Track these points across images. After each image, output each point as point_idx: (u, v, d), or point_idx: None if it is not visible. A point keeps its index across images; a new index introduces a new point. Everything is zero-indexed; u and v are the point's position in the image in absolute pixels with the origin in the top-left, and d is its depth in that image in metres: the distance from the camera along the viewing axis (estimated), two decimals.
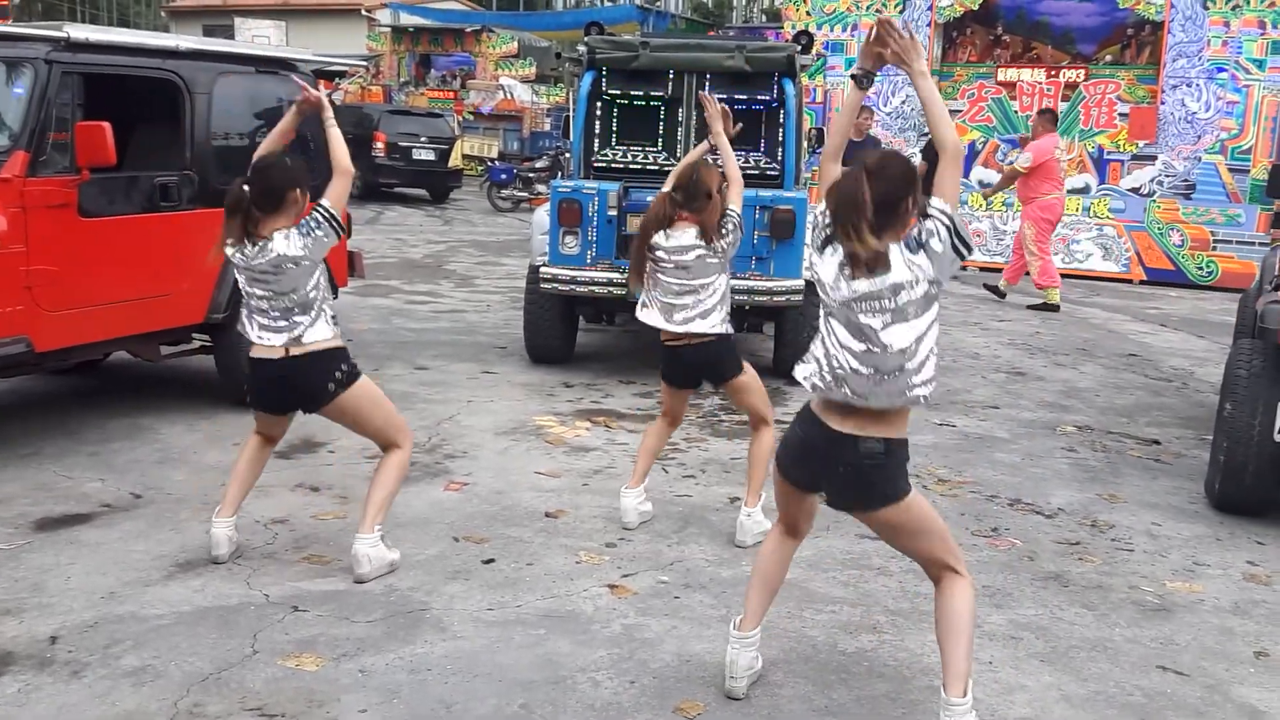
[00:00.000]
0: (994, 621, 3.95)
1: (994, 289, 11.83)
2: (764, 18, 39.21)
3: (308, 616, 3.74)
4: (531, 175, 19.79)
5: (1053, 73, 14.48)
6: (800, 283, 7.07)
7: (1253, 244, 12.79)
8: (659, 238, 4.45)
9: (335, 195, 4.03)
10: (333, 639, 3.58)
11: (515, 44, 28.05)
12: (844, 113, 3.30)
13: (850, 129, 3.27)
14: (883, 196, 2.87)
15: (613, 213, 7.07)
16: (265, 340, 3.98)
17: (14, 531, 4.41)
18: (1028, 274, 11.46)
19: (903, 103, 14.94)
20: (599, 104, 7.54)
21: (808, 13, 15.48)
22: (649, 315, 4.59)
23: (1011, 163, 12.02)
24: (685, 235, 4.42)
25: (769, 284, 6.97)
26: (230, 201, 3.91)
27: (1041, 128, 11.18)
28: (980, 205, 14.34)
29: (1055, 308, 11.11)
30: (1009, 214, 13.50)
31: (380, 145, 19.44)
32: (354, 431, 4.26)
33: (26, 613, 3.70)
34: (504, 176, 20.26)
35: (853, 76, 3.21)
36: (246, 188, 3.90)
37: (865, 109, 12.56)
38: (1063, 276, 13.10)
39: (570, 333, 7.79)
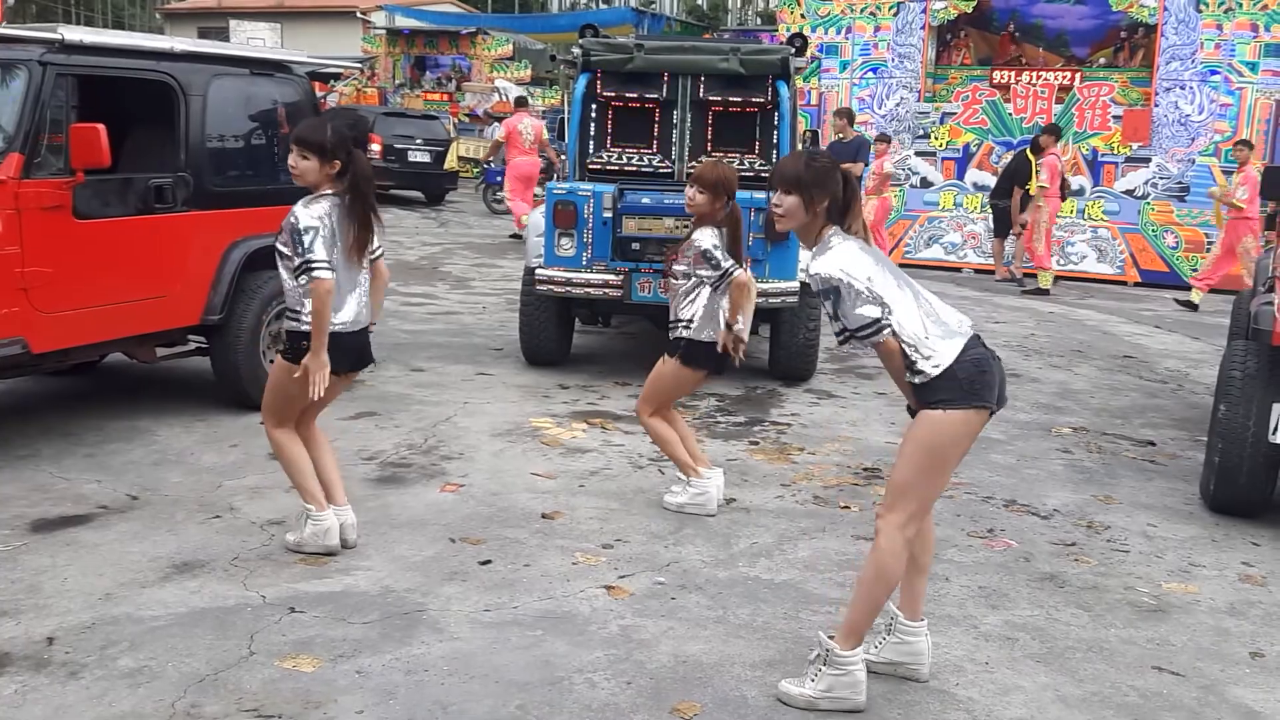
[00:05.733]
0: (990, 622, 3.96)
1: (1188, 304, 12.10)
2: (759, 20, 39.30)
3: (304, 618, 3.75)
4: None
5: (1046, 75, 14.50)
6: (795, 284, 7.08)
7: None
8: None
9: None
10: (329, 640, 3.59)
11: (510, 46, 28.05)
12: None
13: None
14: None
15: (608, 215, 7.07)
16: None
17: (11, 533, 4.41)
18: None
19: (897, 105, 14.96)
20: (594, 106, 7.55)
21: (802, 15, 15.49)
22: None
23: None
24: None
25: (764, 285, 6.96)
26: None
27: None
28: (975, 208, 14.36)
29: None
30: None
31: (376, 147, 19.41)
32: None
33: (23, 614, 3.70)
34: (500, 178, 20.24)
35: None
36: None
37: (844, 110, 12.62)
38: (1057, 278, 13.15)
39: (566, 335, 7.79)
